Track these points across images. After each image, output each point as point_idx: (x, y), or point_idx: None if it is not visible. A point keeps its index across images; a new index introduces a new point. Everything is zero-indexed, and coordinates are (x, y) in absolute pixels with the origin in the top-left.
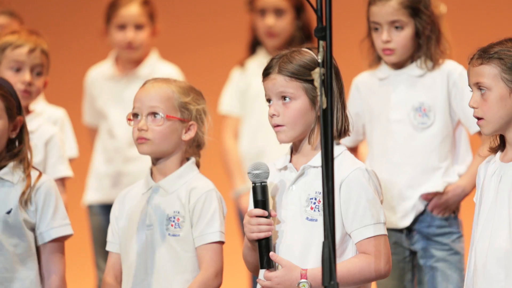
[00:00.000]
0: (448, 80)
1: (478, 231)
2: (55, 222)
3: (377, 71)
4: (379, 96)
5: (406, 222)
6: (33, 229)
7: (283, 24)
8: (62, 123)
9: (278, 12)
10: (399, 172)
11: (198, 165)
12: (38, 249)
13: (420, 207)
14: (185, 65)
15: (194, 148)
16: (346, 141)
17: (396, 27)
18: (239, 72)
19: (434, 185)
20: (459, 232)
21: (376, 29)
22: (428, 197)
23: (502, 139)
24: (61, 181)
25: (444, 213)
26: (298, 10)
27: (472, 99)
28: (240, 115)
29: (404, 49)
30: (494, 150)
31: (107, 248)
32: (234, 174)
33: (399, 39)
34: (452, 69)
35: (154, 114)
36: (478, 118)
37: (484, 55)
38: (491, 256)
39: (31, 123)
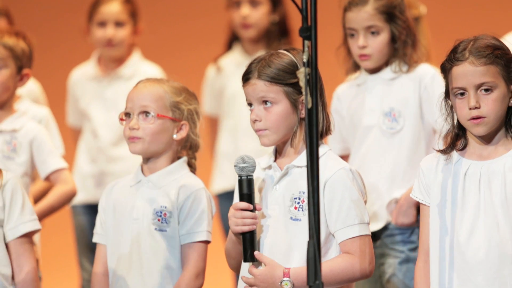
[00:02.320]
0: (420, 84)
1: (462, 231)
2: (24, 218)
3: (356, 79)
4: (357, 102)
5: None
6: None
7: (257, 15)
8: (46, 122)
9: (253, 3)
10: (366, 177)
11: (192, 165)
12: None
13: (381, 216)
14: (171, 65)
15: (188, 150)
16: (334, 149)
17: (372, 33)
18: (213, 71)
19: (394, 192)
20: (417, 242)
21: (352, 35)
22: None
23: (456, 138)
24: (58, 173)
25: (403, 222)
26: (275, 2)
27: (473, 99)
28: (217, 115)
29: (380, 54)
30: (445, 152)
31: (94, 239)
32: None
33: (375, 44)
34: (424, 73)
35: (145, 113)
36: (478, 118)
37: (484, 54)
38: (491, 255)
39: (15, 122)
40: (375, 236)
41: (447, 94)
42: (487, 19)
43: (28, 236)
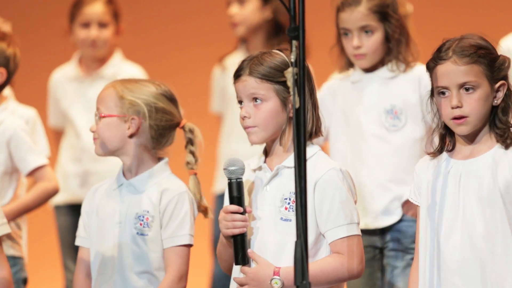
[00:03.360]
0: (419, 83)
1: (442, 231)
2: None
3: (350, 75)
4: (351, 99)
5: (377, 223)
6: None
7: (245, 12)
8: (33, 124)
9: (240, 1)
10: (371, 174)
11: (190, 163)
12: None
13: (394, 210)
14: (156, 66)
15: (186, 147)
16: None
17: (366, 32)
18: (219, 71)
19: (403, 190)
20: None
21: (346, 34)
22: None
23: (443, 137)
24: (39, 171)
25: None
26: None
27: (455, 98)
28: (223, 115)
29: (375, 53)
30: (434, 154)
31: (77, 242)
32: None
33: (370, 43)
34: (423, 73)
35: (97, 115)
36: (461, 117)
37: (467, 53)
38: (467, 255)
39: None
40: (383, 230)
41: (432, 93)
42: (477, 18)
43: (0, 239)
